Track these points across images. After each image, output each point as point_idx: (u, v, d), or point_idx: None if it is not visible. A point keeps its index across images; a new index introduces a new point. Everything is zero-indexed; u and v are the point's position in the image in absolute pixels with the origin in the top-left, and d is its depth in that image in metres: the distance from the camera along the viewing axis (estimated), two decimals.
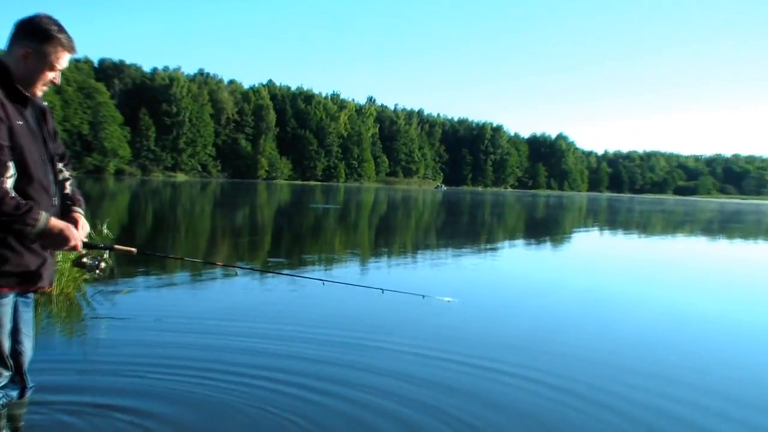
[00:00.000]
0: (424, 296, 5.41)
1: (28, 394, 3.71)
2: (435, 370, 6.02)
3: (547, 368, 6.28)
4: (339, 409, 4.91)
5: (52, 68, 3.39)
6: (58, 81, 3.48)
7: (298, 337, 7.04)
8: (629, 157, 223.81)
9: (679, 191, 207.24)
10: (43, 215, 3.26)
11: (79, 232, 3.53)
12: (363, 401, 5.08)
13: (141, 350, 6.35)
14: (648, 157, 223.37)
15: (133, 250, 4.09)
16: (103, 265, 3.87)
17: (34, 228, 3.22)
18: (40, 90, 3.43)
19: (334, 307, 8.85)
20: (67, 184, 3.72)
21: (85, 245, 3.62)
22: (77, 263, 3.86)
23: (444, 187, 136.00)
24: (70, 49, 3.43)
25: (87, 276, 8.60)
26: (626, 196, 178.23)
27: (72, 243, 3.39)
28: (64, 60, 3.42)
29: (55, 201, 3.51)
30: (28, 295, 3.59)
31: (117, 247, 3.93)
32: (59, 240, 3.35)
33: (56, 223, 3.33)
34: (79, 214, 3.68)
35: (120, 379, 5.46)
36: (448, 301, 7.33)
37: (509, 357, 6.67)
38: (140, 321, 7.62)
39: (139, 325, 7.39)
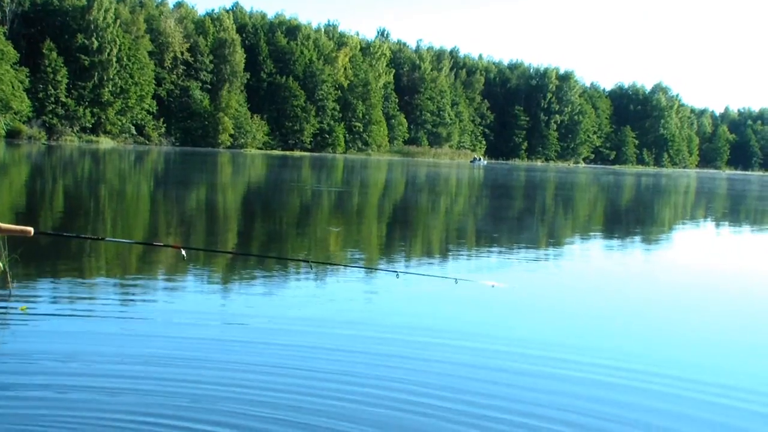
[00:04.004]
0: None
1: None
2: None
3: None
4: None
5: None
6: None
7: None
8: (763, 117, 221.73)
9: None
10: None
11: None
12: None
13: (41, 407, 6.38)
14: None
15: (29, 229, 4.09)
16: None
17: None
18: None
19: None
20: None
21: None
22: None
23: (483, 161, 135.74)
24: None
25: None
26: (756, 174, 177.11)
27: None
28: None
29: None
30: None
31: (5, 226, 3.93)
32: None
33: None
34: None
35: None
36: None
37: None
38: (43, 357, 7.61)
39: (40, 367, 7.38)
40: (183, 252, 6.74)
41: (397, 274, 7.13)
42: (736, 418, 7.00)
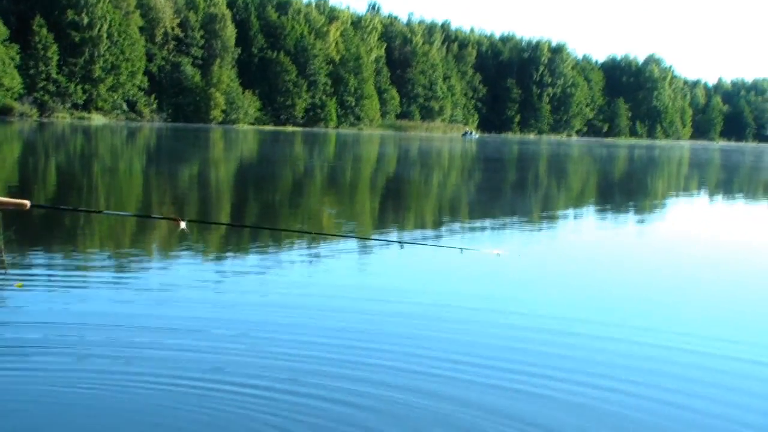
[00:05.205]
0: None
1: None
2: None
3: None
4: None
5: None
6: None
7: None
8: (756, 87, 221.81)
9: None
10: None
11: None
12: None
13: (44, 386, 6.42)
14: None
15: (25, 202, 4.08)
16: None
17: None
18: None
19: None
20: None
21: None
22: None
23: (474, 135, 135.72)
24: None
25: None
26: (750, 145, 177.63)
27: None
28: None
29: None
30: None
31: (1, 199, 3.92)
32: None
33: None
34: None
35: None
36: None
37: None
38: (42, 334, 7.66)
39: (40, 343, 7.43)
40: (183, 225, 6.74)
41: (402, 245, 7.25)
42: (739, 379, 7.17)
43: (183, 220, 6.64)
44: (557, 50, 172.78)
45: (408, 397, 6.22)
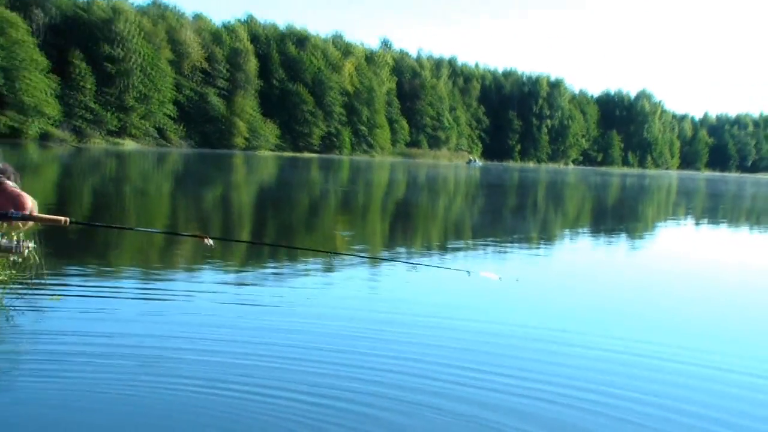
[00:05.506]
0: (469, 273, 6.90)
1: None
2: None
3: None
4: None
5: None
6: None
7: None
8: (739, 122, 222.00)
9: None
10: None
11: None
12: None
13: (80, 395, 6.45)
14: (767, 124, 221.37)
15: (63, 219, 4.09)
16: (25, 251, 3.83)
17: None
18: None
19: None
20: None
21: None
22: None
23: (478, 162, 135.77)
24: None
25: None
26: (733, 175, 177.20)
27: None
28: None
29: None
30: None
31: (39, 216, 3.91)
32: None
33: None
34: None
35: None
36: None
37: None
38: (79, 343, 7.65)
39: (77, 350, 7.43)
40: (210, 241, 6.75)
41: (415, 266, 7.32)
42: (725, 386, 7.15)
43: (208, 237, 6.69)
44: (555, 85, 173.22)
45: (428, 404, 6.29)
